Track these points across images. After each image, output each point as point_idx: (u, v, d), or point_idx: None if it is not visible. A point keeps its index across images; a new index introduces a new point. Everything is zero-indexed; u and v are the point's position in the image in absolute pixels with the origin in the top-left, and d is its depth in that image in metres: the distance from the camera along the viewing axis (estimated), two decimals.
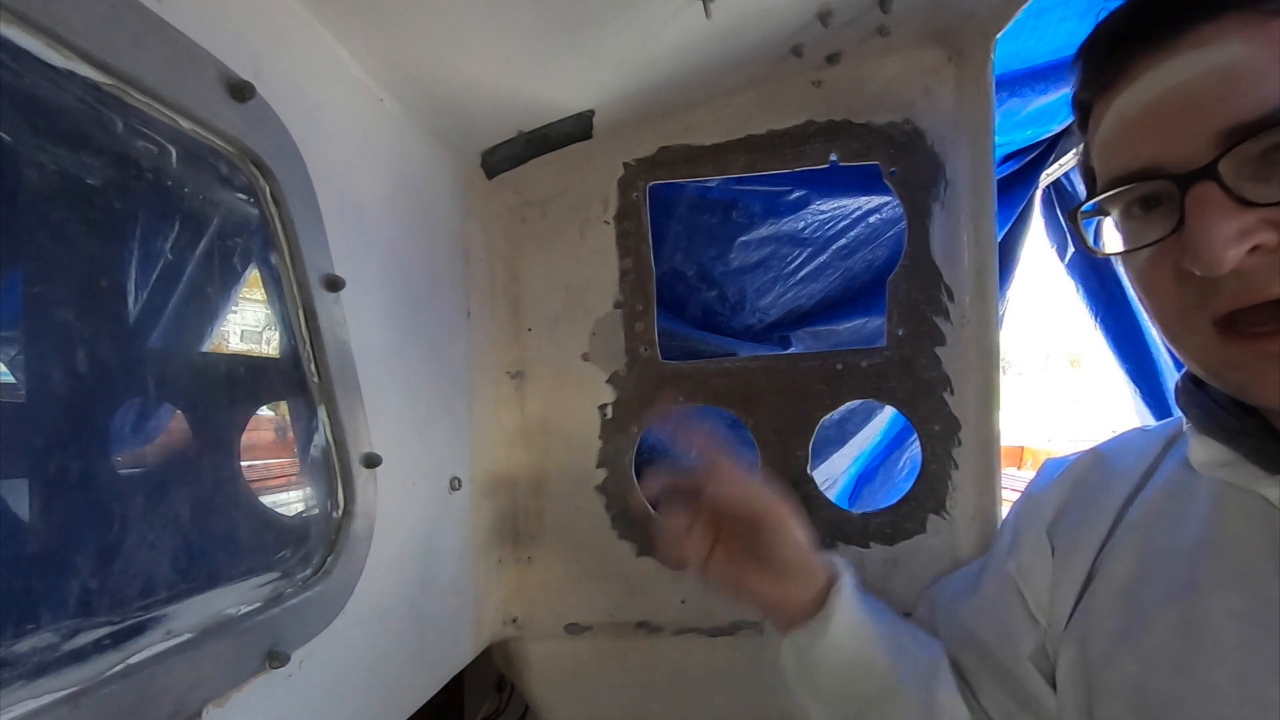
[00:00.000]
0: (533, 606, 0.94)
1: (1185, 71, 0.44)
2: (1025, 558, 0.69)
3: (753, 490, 0.67)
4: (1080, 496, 0.67)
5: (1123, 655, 0.56)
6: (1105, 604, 0.59)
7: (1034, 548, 0.68)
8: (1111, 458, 0.68)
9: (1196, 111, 0.44)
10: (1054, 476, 0.71)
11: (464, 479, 0.83)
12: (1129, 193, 0.48)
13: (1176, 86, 0.45)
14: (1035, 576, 0.67)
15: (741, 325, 1.23)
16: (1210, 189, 0.43)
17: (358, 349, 0.62)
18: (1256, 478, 0.51)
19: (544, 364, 0.94)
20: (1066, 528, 0.66)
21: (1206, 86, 0.44)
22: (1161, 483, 0.61)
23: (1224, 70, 0.43)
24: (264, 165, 0.51)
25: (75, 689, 0.36)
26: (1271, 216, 0.42)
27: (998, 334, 0.85)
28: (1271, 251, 0.43)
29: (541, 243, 0.93)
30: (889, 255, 1.25)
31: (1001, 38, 0.82)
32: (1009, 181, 1.63)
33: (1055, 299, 6.34)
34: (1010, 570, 0.70)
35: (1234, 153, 0.42)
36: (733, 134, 0.89)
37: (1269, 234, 0.42)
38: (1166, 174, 0.45)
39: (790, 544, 0.67)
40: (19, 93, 0.35)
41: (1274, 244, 0.43)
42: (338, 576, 0.58)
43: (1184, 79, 0.45)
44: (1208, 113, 0.43)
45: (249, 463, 0.53)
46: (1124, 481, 0.64)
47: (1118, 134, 0.49)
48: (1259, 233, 0.42)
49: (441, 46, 0.66)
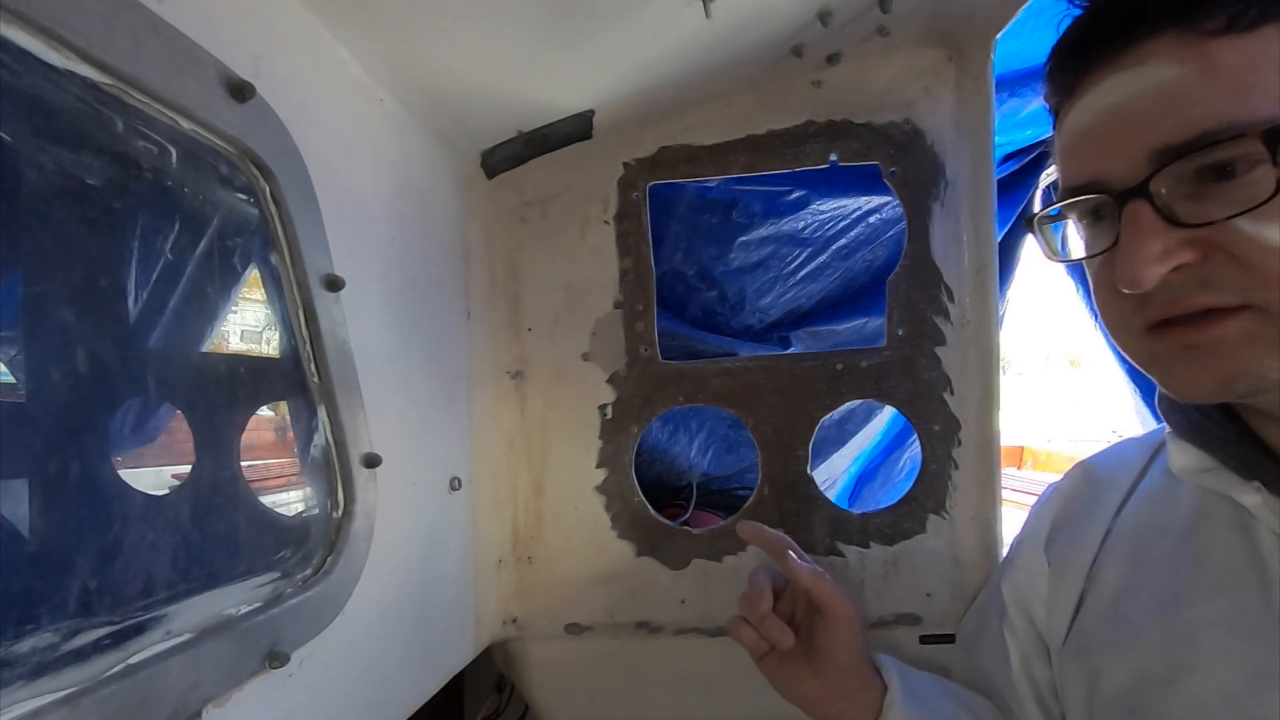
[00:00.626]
0: (533, 606, 0.94)
1: (1126, 89, 0.45)
2: (1020, 577, 0.69)
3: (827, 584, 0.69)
4: (1072, 511, 0.67)
5: (1115, 669, 0.56)
6: (1096, 617, 0.60)
7: (1029, 567, 0.68)
8: (1101, 470, 0.68)
9: (1133, 130, 0.45)
10: (1048, 495, 0.71)
11: (464, 479, 0.83)
12: (1079, 205, 0.49)
13: (1117, 104, 0.46)
14: (1031, 596, 0.67)
15: (741, 325, 1.23)
16: (1142, 208, 0.44)
17: (358, 349, 0.62)
18: (1234, 484, 0.51)
19: (544, 364, 0.94)
20: (1060, 544, 0.66)
21: (1142, 106, 0.45)
22: (1148, 492, 0.61)
23: (1158, 90, 0.44)
24: (264, 165, 0.51)
25: (75, 689, 0.36)
26: (1198, 236, 0.43)
27: (998, 334, 0.85)
28: (1195, 267, 0.44)
29: (541, 242, 0.93)
30: (889, 255, 1.25)
31: (1001, 38, 0.82)
32: (1009, 181, 1.63)
33: (1055, 299, 6.35)
34: (1006, 593, 0.70)
35: (1164, 173, 0.43)
36: (733, 134, 0.89)
37: (1190, 253, 0.44)
38: (1106, 189, 0.47)
39: (847, 647, 0.69)
40: (19, 93, 0.35)
41: (1196, 261, 0.44)
42: (338, 576, 0.58)
43: (1124, 96, 0.46)
44: (1142, 132, 0.44)
45: (249, 463, 0.53)
46: (1113, 492, 0.64)
47: (1069, 145, 0.50)
48: (1181, 253, 0.44)
49: (442, 46, 0.66)
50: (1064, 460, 6.49)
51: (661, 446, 1.20)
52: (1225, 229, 0.42)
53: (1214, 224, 0.42)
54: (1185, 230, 0.43)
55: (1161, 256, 0.44)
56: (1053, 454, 6.75)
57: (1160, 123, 0.43)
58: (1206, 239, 0.43)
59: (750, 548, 0.89)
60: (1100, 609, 0.59)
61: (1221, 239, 0.43)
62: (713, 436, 1.25)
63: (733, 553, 0.90)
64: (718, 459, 1.27)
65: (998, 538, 0.86)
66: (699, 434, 1.23)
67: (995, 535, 0.86)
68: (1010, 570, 0.72)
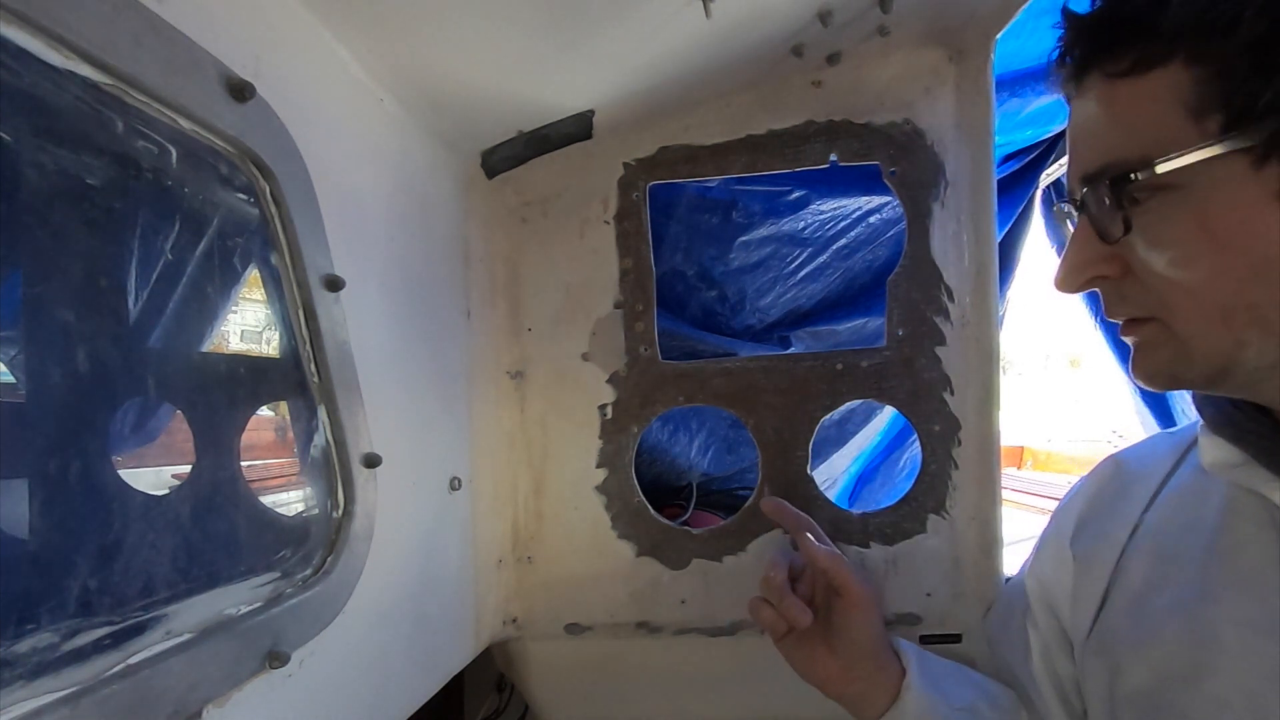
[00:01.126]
0: (533, 606, 0.94)
1: (1075, 117, 0.52)
2: (1045, 572, 0.69)
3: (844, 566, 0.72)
4: (1100, 506, 0.67)
5: (1136, 665, 0.55)
6: (1121, 613, 0.59)
7: (1054, 561, 0.68)
8: (1131, 464, 0.67)
9: (1075, 153, 0.51)
10: (1076, 489, 0.71)
11: (464, 479, 0.83)
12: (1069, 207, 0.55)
13: (1072, 128, 0.52)
14: (1056, 591, 0.67)
15: (741, 325, 1.23)
16: (1082, 220, 0.50)
17: (358, 349, 0.62)
18: (1265, 480, 0.51)
19: (544, 364, 0.94)
20: (1086, 538, 0.66)
21: (1077, 135, 0.51)
22: (1178, 488, 0.61)
23: (1086, 123, 0.50)
24: (264, 165, 0.51)
25: (75, 689, 0.36)
26: (1116, 254, 0.49)
27: (998, 334, 0.85)
28: (1115, 282, 0.50)
29: (542, 243, 0.93)
30: (889, 255, 1.25)
31: (1001, 38, 0.82)
32: (1009, 181, 1.63)
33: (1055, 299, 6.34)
34: (1030, 587, 0.70)
35: (1087, 196, 0.49)
36: (733, 134, 0.89)
37: (1111, 268, 0.50)
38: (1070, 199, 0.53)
39: (865, 629, 0.70)
40: (19, 93, 0.35)
41: (1116, 274, 0.50)
42: (338, 576, 0.58)
43: (1074, 123, 0.52)
44: (1076, 158, 0.51)
45: (249, 463, 0.53)
46: (1143, 487, 0.63)
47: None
48: (1101, 265, 0.50)
49: (442, 46, 0.66)
50: (1064, 460, 6.49)
51: (661, 446, 1.20)
52: (1130, 251, 0.48)
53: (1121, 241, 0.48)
54: (1108, 246, 0.49)
55: (1081, 266, 0.51)
56: (1053, 454, 6.74)
57: (1084, 153, 0.50)
58: (1123, 259, 0.49)
59: (750, 548, 0.89)
60: (1125, 605, 0.59)
61: (1131, 260, 0.49)
62: (713, 436, 1.24)
63: (733, 553, 0.90)
64: (718, 459, 1.27)
65: (998, 538, 0.86)
66: (699, 434, 1.23)
67: (995, 535, 0.86)
68: (1035, 564, 0.71)
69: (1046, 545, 0.71)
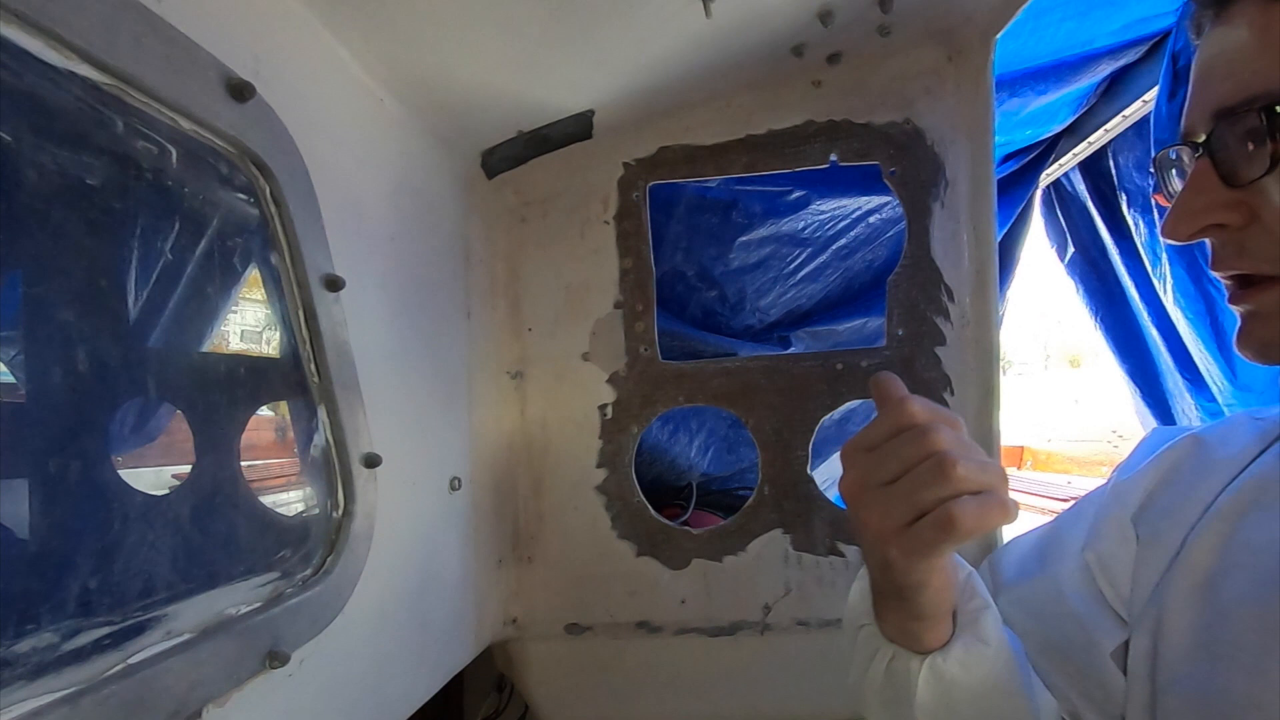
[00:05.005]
0: (533, 606, 0.94)
1: (1213, 46, 0.47)
2: (1105, 547, 0.64)
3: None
4: (1173, 483, 0.63)
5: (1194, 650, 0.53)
6: (1181, 595, 0.56)
7: (1116, 536, 0.64)
8: (1212, 444, 0.64)
9: (1208, 87, 0.46)
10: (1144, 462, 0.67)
11: (464, 479, 0.83)
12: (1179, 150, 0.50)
13: (1206, 60, 0.47)
14: (1116, 567, 0.63)
15: (741, 325, 1.23)
16: (1202, 163, 0.45)
17: (358, 349, 0.62)
18: None
19: (544, 364, 0.94)
20: (1153, 515, 0.62)
21: (1217, 65, 0.46)
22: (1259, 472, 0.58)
23: (1227, 53, 0.45)
24: (264, 165, 0.51)
25: (75, 689, 0.36)
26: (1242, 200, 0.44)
27: (998, 334, 0.85)
28: (1236, 232, 0.45)
29: (541, 242, 0.93)
30: (889, 255, 1.25)
31: (1001, 38, 0.82)
32: (1009, 181, 1.63)
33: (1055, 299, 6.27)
34: (1089, 561, 0.65)
35: (1218, 132, 0.44)
36: (733, 134, 0.89)
37: (1234, 216, 0.44)
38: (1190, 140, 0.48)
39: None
40: (19, 93, 0.35)
41: (1238, 223, 0.44)
42: (338, 576, 0.58)
43: (1211, 54, 0.47)
44: (1210, 92, 0.46)
45: (249, 463, 0.53)
46: (1222, 469, 0.60)
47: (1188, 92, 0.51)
48: (1221, 213, 0.44)
49: (442, 47, 0.66)
50: (1064, 460, 6.49)
51: (661, 446, 1.20)
52: (1263, 197, 0.43)
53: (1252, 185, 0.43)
54: (1235, 191, 0.44)
55: (1200, 213, 0.45)
56: (1053, 454, 6.74)
57: (1221, 84, 0.45)
58: (1250, 205, 0.44)
59: (750, 548, 0.90)
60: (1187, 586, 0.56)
61: (1260, 207, 0.43)
62: (713, 436, 1.25)
63: (733, 553, 0.90)
64: (718, 459, 1.27)
65: (997, 537, 0.86)
66: (699, 434, 1.23)
67: (995, 535, 0.86)
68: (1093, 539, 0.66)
69: (1105, 520, 0.66)
